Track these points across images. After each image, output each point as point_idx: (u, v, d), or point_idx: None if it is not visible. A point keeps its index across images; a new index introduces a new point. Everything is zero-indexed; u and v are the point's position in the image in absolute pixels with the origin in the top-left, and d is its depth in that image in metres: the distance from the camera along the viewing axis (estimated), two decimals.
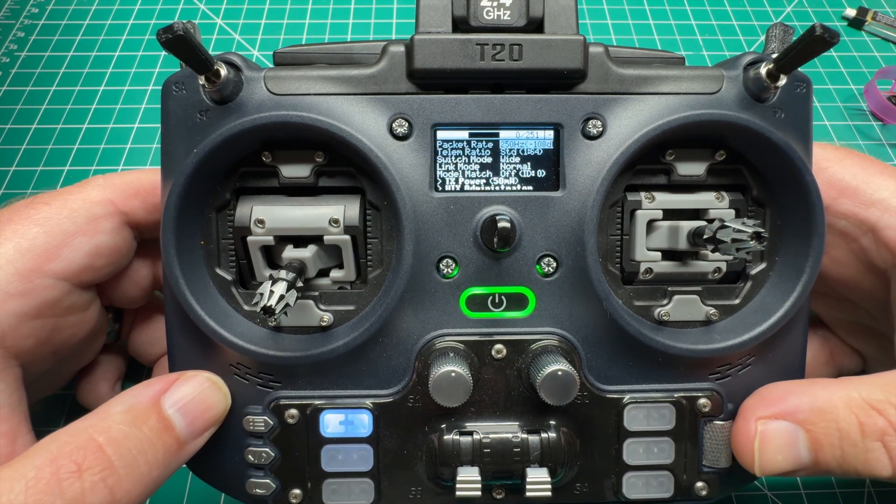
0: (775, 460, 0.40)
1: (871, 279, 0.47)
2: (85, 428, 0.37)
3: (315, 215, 0.42)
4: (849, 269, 0.48)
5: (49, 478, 0.34)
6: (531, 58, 0.41)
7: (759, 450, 0.41)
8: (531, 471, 0.42)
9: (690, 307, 0.45)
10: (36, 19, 0.90)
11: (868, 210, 0.45)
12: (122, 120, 0.80)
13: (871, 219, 0.45)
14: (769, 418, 0.41)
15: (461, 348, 0.43)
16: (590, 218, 0.42)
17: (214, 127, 0.41)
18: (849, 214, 0.46)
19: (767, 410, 0.41)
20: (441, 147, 0.43)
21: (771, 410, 0.41)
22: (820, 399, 0.40)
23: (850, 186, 0.46)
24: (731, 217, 0.43)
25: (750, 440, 0.41)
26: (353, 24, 0.91)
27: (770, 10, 0.95)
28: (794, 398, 0.41)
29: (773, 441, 0.40)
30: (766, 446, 0.41)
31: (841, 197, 0.46)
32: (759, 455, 0.41)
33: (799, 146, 0.42)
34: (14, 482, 0.34)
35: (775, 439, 0.40)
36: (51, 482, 0.34)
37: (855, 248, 0.47)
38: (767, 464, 0.41)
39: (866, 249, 0.46)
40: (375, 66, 0.42)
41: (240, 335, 0.42)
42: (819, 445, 0.39)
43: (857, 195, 0.45)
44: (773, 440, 0.40)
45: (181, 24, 0.35)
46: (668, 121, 0.41)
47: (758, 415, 0.41)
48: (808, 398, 0.40)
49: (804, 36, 0.37)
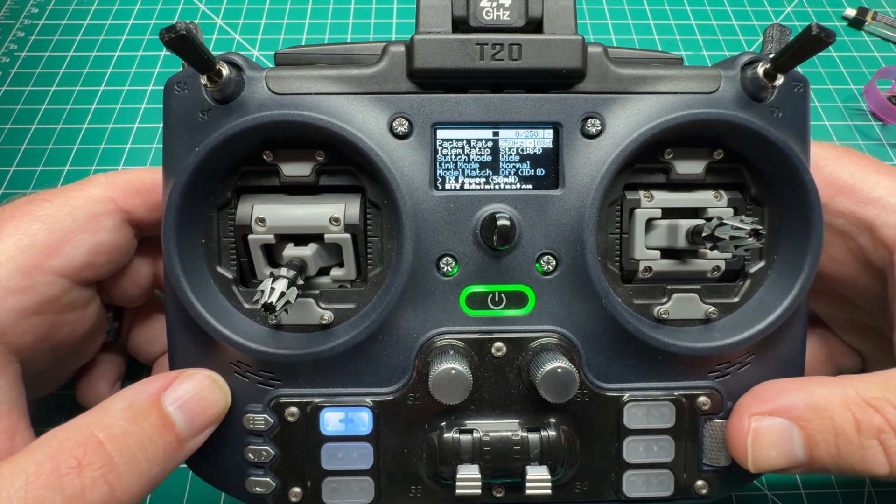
0: (769, 457, 0.40)
1: (868, 277, 0.47)
2: (85, 424, 0.37)
3: (316, 214, 0.42)
4: (846, 268, 0.48)
5: (49, 473, 0.34)
6: (530, 57, 0.41)
7: (753, 446, 0.41)
8: (531, 469, 0.42)
9: (690, 305, 0.45)
10: (36, 19, 0.90)
11: (865, 208, 0.45)
12: (122, 120, 0.80)
13: (868, 217, 0.45)
14: (763, 415, 0.41)
15: (461, 346, 0.43)
16: (589, 216, 0.42)
17: (216, 126, 0.41)
18: (846, 212, 0.46)
19: (762, 407, 0.41)
20: (441, 146, 0.43)
21: (765, 407, 0.41)
22: (816, 396, 0.40)
23: (847, 184, 0.46)
24: (729, 215, 0.44)
25: (743, 436, 0.41)
26: (353, 24, 0.91)
27: (770, 10, 0.95)
28: (789, 395, 0.41)
29: (766, 437, 0.40)
30: (759, 442, 0.40)
31: (838, 195, 0.46)
32: (752, 451, 0.41)
33: (797, 145, 0.42)
34: (14, 478, 0.34)
35: (769, 436, 0.40)
36: (51, 478, 0.34)
37: (852, 246, 0.47)
38: (761, 460, 0.41)
39: (863, 247, 0.46)
40: (376, 65, 0.42)
41: (240, 333, 0.42)
42: (814, 442, 0.39)
43: (854, 193, 0.45)
44: (767, 436, 0.40)
45: (184, 24, 0.35)
46: (667, 120, 0.41)
47: (752, 411, 0.41)
48: (803, 395, 0.40)
49: (801, 36, 0.37)
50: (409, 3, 0.94)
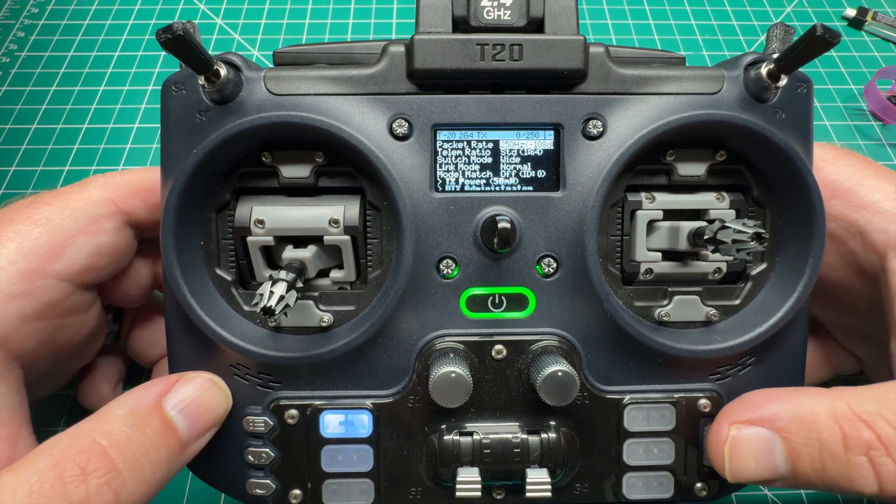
0: (748, 466, 0.39)
1: (860, 283, 0.47)
2: (87, 431, 0.37)
3: (315, 216, 0.42)
4: (838, 272, 0.48)
5: (53, 481, 0.34)
6: (531, 58, 0.41)
7: (731, 454, 0.39)
8: (531, 471, 0.42)
9: (691, 308, 0.45)
10: (36, 19, 0.90)
11: (858, 212, 0.44)
12: (122, 120, 0.80)
13: (860, 221, 0.44)
14: (745, 423, 0.39)
15: (461, 349, 0.43)
16: (590, 218, 0.42)
17: (214, 127, 0.41)
18: (839, 216, 0.45)
19: (743, 415, 0.40)
20: (441, 147, 0.43)
21: (747, 416, 0.40)
22: (802, 407, 0.38)
23: (843, 188, 0.45)
24: (731, 217, 0.43)
25: (721, 444, 0.40)
26: (353, 24, 0.91)
27: (770, 9, 0.95)
28: (774, 405, 0.39)
29: (745, 446, 0.39)
30: (737, 451, 0.39)
31: (833, 198, 0.45)
32: (729, 460, 0.39)
33: (800, 146, 0.42)
34: (17, 486, 0.34)
35: (748, 444, 0.39)
36: (55, 486, 0.34)
37: (844, 251, 0.46)
38: (739, 470, 0.39)
39: (854, 252, 0.45)
40: (375, 66, 0.42)
41: (239, 336, 0.42)
42: (797, 455, 0.38)
43: (849, 197, 0.45)
44: (746, 445, 0.39)
45: (181, 24, 0.35)
46: (669, 121, 0.41)
47: (732, 419, 0.40)
48: (790, 406, 0.39)
49: (805, 36, 0.37)
50: (409, 2, 0.94)
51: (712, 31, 0.92)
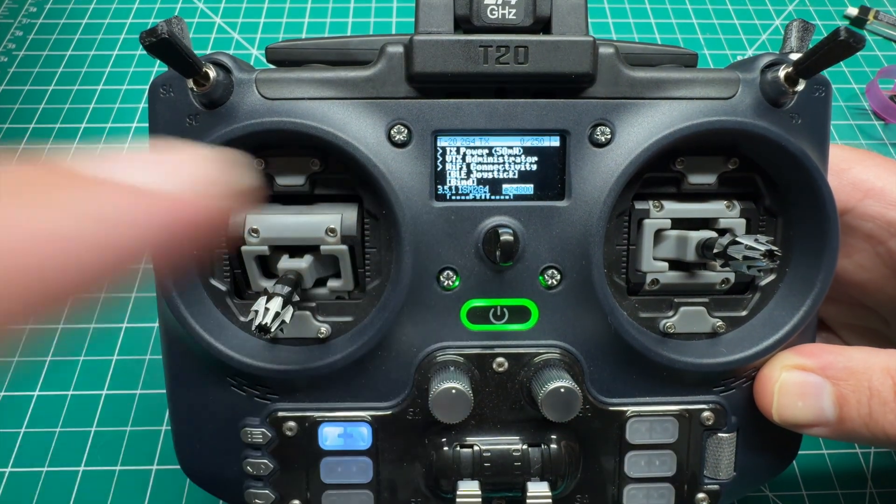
0: (794, 405, 0.40)
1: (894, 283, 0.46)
2: None
3: (311, 224, 0.41)
4: (872, 273, 0.46)
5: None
6: (537, 61, 0.39)
7: (780, 392, 0.40)
8: (532, 484, 0.41)
9: (697, 319, 0.43)
10: (34, 18, 0.89)
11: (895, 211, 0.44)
12: (121, 119, 0.79)
13: None
14: (797, 368, 0.40)
15: (462, 362, 0.42)
16: (596, 230, 0.40)
17: (205, 133, 0.39)
18: (876, 216, 0.44)
19: (797, 360, 0.40)
20: (442, 154, 0.41)
21: (800, 361, 0.40)
22: (855, 360, 0.39)
23: (875, 187, 0.44)
24: (741, 226, 0.42)
25: (771, 383, 0.40)
26: (352, 22, 0.90)
27: (772, 8, 0.94)
28: (828, 355, 0.40)
29: (795, 387, 0.40)
30: (786, 390, 0.40)
31: (866, 198, 0.44)
32: (777, 398, 0.40)
33: (815, 154, 0.41)
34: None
35: (798, 386, 0.40)
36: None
37: (881, 251, 0.45)
38: (786, 409, 0.40)
39: (893, 252, 0.44)
40: (372, 67, 0.40)
41: (235, 348, 0.41)
42: (845, 401, 0.39)
43: (883, 196, 0.44)
44: (796, 387, 0.40)
45: (165, 27, 0.33)
46: (681, 128, 0.39)
47: (785, 363, 0.41)
48: (842, 357, 0.40)
49: (827, 40, 0.35)
50: (409, 1, 0.93)
51: (714, 29, 0.91)
